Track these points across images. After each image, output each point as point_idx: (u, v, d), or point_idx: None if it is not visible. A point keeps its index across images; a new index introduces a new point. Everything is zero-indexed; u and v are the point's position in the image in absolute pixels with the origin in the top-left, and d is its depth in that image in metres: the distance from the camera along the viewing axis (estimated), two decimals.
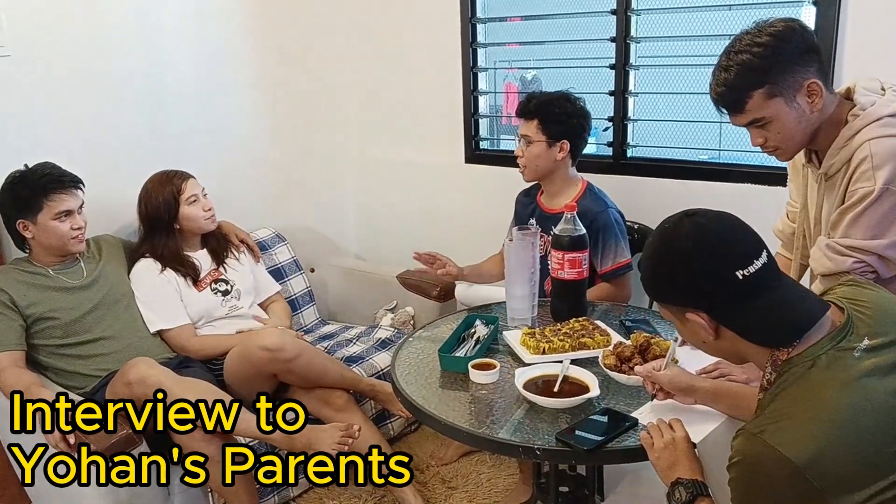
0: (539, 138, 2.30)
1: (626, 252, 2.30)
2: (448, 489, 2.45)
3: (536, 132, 2.30)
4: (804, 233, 1.80)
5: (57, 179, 2.18)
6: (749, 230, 1.19)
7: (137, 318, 2.36)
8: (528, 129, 2.32)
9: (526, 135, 2.32)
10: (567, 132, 2.30)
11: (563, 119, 2.29)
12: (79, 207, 2.22)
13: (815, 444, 1.02)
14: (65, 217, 2.18)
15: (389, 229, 3.54)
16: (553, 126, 2.29)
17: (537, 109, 2.31)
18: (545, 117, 2.29)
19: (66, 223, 2.19)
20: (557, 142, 2.30)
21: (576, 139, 2.32)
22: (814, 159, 1.68)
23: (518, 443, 1.50)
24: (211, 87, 2.93)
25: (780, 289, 1.16)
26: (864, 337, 1.12)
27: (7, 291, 2.14)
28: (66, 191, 2.19)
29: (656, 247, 1.23)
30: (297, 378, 2.30)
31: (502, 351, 1.93)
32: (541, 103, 2.31)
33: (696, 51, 2.78)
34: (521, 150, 2.34)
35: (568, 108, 2.31)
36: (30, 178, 2.18)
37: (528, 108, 2.32)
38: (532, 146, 2.31)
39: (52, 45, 2.41)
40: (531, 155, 2.32)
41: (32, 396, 1.96)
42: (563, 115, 2.30)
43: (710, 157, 2.85)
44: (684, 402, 1.50)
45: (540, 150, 2.31)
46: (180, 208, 2.43)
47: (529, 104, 2.32)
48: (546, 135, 2.29)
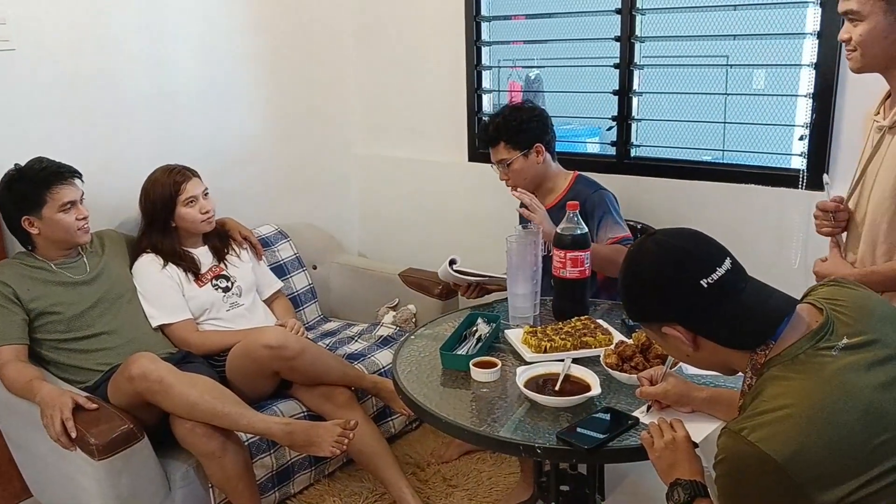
0: (513, 155, 2.34)
1: (622, 228, 2.30)
2: (449, 487, 2.45)
3: (508, 151, 2.34)
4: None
5: (56, 172, 2.19)
6: (710, 241, 1.24)
7: (139, 314, 2.36)
8: (500, 154, 2.36)
9: (501, 159, 2.36)
10: (533, 136, 2.34)
11: (523, 128, 2.33)
12: (80, 198, 2.23)
13: (796, 439, 1.03)
14: (69, 208, 2.19)
15: (392, 227, 3.54)
16: (519, 137, 2.33)
17: (497, 132, 2.35)
18: (508, 134, 2.34)
19: (71, 214, 2.19)
20: (531, 148, 2.34)
21: (544, 137, 2.36)
22: (883, 110, 1.69)
23: (519, 441, 1.50)
24: (215, 83, 2.93)
25: (745, 292, 1.19)
26: (843, 336, 1.14)
27: (10, 285, 2.14)
28: (66, 182, 2.19)
29: (625, 270, 1.28)
30: (299, 375, 2.31)
31: (504, 349, 1.93)
32: (497, 126, 2.35)
33: (701, 51, 2.78)
34: (504, 174, 2.38)
35: (522, 116, 2.35)
36: (28, 174, 2.17)
37: (490, 135, 2.37)
38: (512, 165, 2.34)
39: (56, 41, 2.42)
40: (516, 173, 2.36)
41: (34, 390, 1.97)
42: (522, 124, 2.33)
43: (713, 157, 2.85)
44: (681, 410, 1.52)
45: (521, 165, 2.35)
46: (177, 208, 2.43)
47: (488, 131, 2.38)
48: (517, 149, 2.33)
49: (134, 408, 2.02)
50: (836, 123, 2.30)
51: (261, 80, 3.11)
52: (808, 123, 2.35)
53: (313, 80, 3.30)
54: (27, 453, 2.27)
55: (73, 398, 1.94)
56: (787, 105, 2.52)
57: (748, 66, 3.38)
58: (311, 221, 3.34)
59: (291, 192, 3.30)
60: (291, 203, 3.29)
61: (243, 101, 3.06)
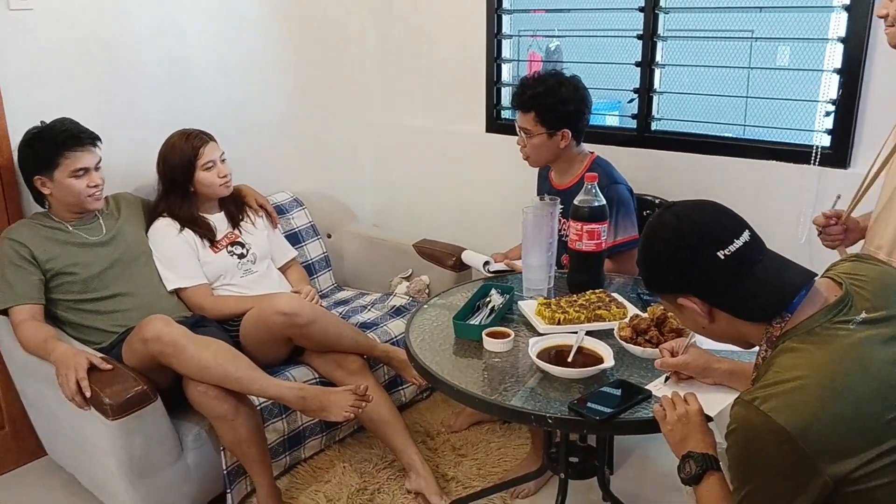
0: (539, 130, 2.25)
1: (633, 229, 2.25)
2: (458, 457, 2.46)
3: (535, 124, 2.25)
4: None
5: (75, 136, 2.17)
6: (728, 213, 1.24)
7: (155, 276, 2.37)
8: (527, 122, 2.26)
9: (525, 127, 2.27)
10: (565, 120, 2.24)
11: (559, 108, 2.22)
12: (96, 164, 2.21)
13: (808, 411, 1.03)
14: (82, 174, 2.18)
15: (407, 197, 3.52)
16: (550, 116, 2.23)
17: (532, 101, 2.23)
18: (541, 109, 2.23)
19: (82, 180, 2.18)
20: (558, 131, 2.24)
21: (576, 124, 2.26)
22: None
23: (530, 410, 1.50)
24: (232, 50, 2.91)
25: (762, 263, 1.19)
26: (861, 311, 1.13)
27: (27, 245, 2.15)
28: (83, 148, 2.18)
29: (643, 241, 1.29)
30: (312, 343, 2.31)
31: (517, 321, 1.93)
32: (535, 95, 2.23)
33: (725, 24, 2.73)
34: (523, 140, 2.30)
35: (563, 95, 2.22)
36: (47, 134, 2.17)
37: (524, 101, 2.25)
38: (533, 138, 2.26)
39: (74, 3, 2.40)
40: (533, 147, 2.28)
41: (50, 349, 1.99)
42: (559, 104, 2.22)
43: (734, 132, 2.80)
44: (702, 382, 1.51)
45: (541, 142, 2.26)
46: (196, 172, 2.43)
47: (524, 96, 2.25)
48: (545, 126, 2.24)
49: (147, 370, 2.03)
50: (862, 99, 2.25)
51: (278, 47, 3.09)
52: (833, 99, 2.30)
53: (330, 47, 3.27)
54: (42, 412, 2.30)
55: (89, 358, 1.95)
56: (812, 80, 2.47)
57: (774, 39, 3.31)
58: (326, 190, 3.33)
59: (307, 159, 3.29)
60: (307, 171, 3.28)
61: (260, 69, 3.04)
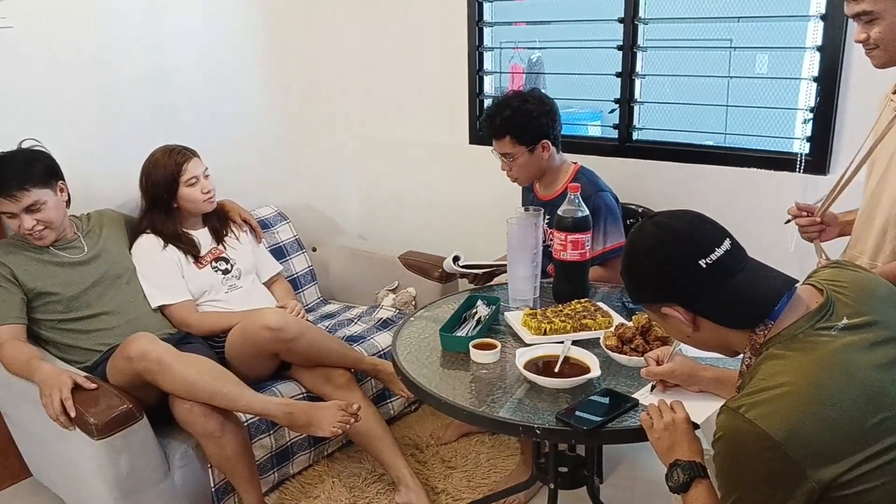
0: (519, 151, 2.28)
1: (620, 235, 2.27)
2: (447, 469, 2.46)
3: (514, 146, 2.27)
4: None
5: (11, 175, 2.08)
6: (709, 221, 1.25)
7: (139, 294, 2.35)
8: (505, 147, 2.29)
9: (506, 153, 2.30)
10: (540, 132, 2.27)
11: (532, 124, 2.25)
12: (36, 205, 2.11)
13: (793, 417, 1.04)
14: (9, 218, 2.13)
15: (392, 209, 3.53)
16: (526, 135, 2.26)
17: (504, 126, 2.26)
18: (515, 130, 2.26)
19: (13, 223, 2.13)
20: (537, 144, 2.28)
21: (551, 132, 2.29)
22: None
23: (518, 422, 1.50)
24: (214, 65, 2.91)
25: (744, 272, 1.21)
26: (843, 317, 1.15)
27: (8, 265, 2.13)
28: (10, 198, 2.08)
29: (626, 253, 1.31)
30: (298, 357, 2.30)
31: (503, 331, 1.93)
32: (505, 119, 2.26)
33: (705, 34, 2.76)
34: (508, 165, 2.32)
35: (531, 110, 2.25)
36: (4, 161, 2.11)
37: (496, 128, 2.28)
38: (517, 160, 2.29)
39: (54, 19, 2.39)
40: (519, 167, 2.31)
41: (33, 370, 1.97)
42: (531, 120, 2.25)
43: (715, 140, 2.83)
44: (688, 389, 1.52)
45: (525, 160, 2.29)
46: (179, 189, 2.42)
47: (495, 124, 2.28)
48: (524, 144, 2.27)
49: (133, 388, 2.01)
50: (840, 107, 2.28)
51: (260, 61, 3.09)
52: (812, 107, 2.33)
53: (313, 61, 3.28)
54: (26, 433, 2.27)
55: (72, 378, 1.93)
56: (790, 88, 2.51)
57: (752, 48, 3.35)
58: (311, 203, 3.33)
59: (291, 173, 3.29)
60: (291, 184, 3.28)
61: (243, 83, 3.04)
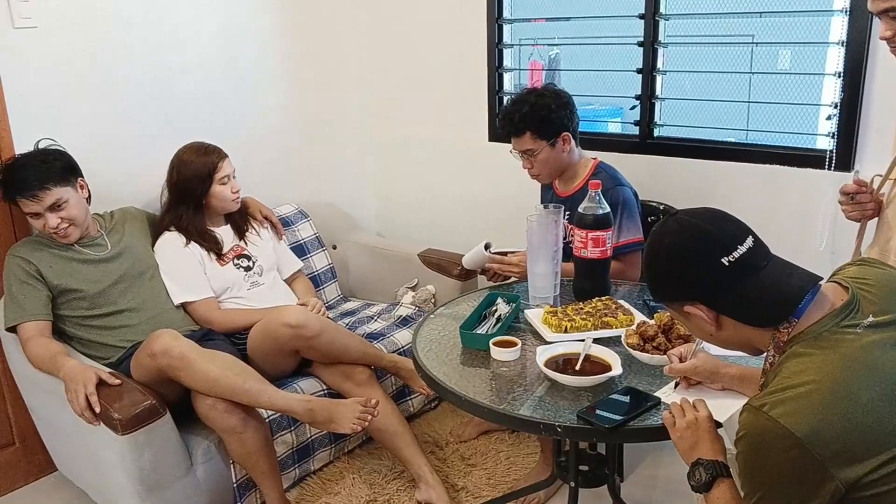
0: (540, 145, 2.27)
1: (637, 230, 2.26)
2: (467, 466, 2.46)
3: (535, 141, 2.27)
4: None
5: (25, 180, 2.11)
6: (732, 219, 1.24)
7: (161, 291, 2.38)
8: (525, 143, 2.28)
9: (526, 149, 2.29)
10: (560, 125, 2.26)
11: (551, 117, 2.25)
12: (55, 204, 2.14)
13: (817, 416, 1.03)
14: (34, 219, 2.17)
15: (411, 207, 3.53)
16: (546, 128, 2.25)
17: (524, 123, 2.25)
18: (535, 125, 2.25)
19: (38, 222, 2.17)
20: (558, 137, 2.27)
21: (570, 125, 2.29)
22: None
23: (539, 420, 1.49)
24: (235, 62, 2.93)
25: (767, 269, 1.19)
26: (868, 314, 1.13)
27: (33, 262, 2.16)
28: (33, 198, 2.12)
29: (648, 250, 1.29)
30: (319, 354, 2.32)
31: (524, 329, 1.93)
32: (523, 116, 2.25)
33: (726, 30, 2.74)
34: (529, 162, 2.32)
35: (548, 104, 2.25)
36: (15, 164, 2.14)
37: (515, 126, 2.27)
38: (539, 155, 2.29)
39: (76, 19, 2.42)
40: (541, 162, 2.30)
41: (59, 365, 2.00)
42: (550, 114, 2.25)
43: (737, 137, 2.81)
44: (711, 387, 1.51)
45: (547, 155, 2.29)
46: (213, 186, 2.44)
47: (514, 121, 2.27)
48: (545, 139, 2.26)
49: (156, 384, 2.04)
50: (865, 103, 2.25)
51: (279, 60, 3.10)
52: (836, 103, 2.31)
53: (332, 59, 3.29)
54: (51, 427, 2.30)
55: (97, 373, 1.96)
56: (813, 84, 2.48)
57: (774, 44, 3.32)
58: (331, 201, 3.34)
59: (311, 171, 3.30)
60: (311, 182, 3.29)
61: (263, 81, 3.06)
